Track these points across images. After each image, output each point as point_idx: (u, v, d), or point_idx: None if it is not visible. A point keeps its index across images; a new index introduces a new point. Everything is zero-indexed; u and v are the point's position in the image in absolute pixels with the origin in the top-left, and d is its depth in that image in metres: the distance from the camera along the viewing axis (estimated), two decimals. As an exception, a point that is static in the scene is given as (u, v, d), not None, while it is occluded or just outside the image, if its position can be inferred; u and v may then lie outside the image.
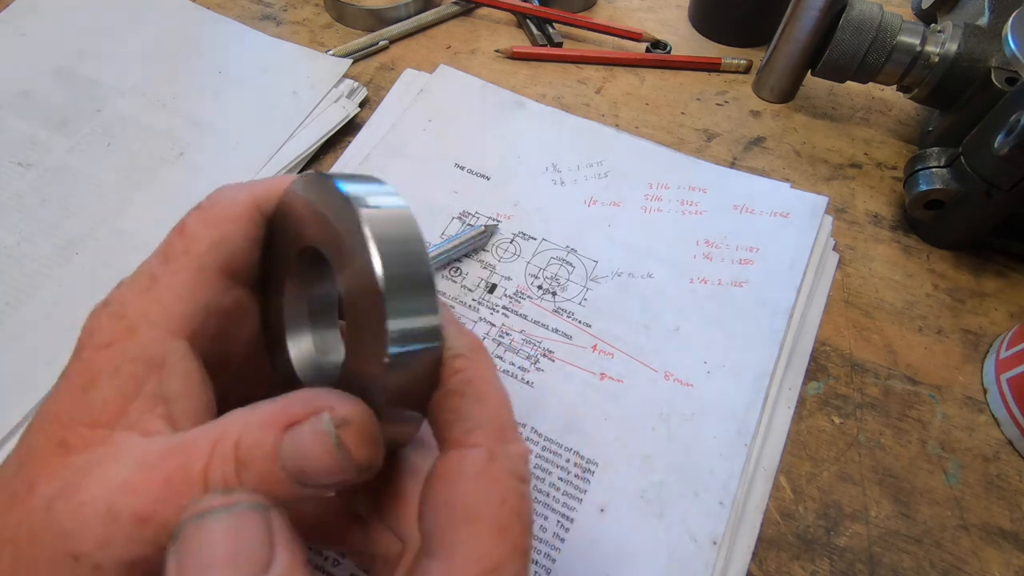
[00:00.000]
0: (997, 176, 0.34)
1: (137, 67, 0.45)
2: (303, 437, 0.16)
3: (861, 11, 0.39)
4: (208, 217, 0.19)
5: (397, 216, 0.18)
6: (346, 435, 0.16)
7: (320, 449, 0.16)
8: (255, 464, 0.16)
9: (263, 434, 0.16)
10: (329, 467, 0.16)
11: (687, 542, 0.29)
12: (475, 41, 0.50)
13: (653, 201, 0.40)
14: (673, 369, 0.33)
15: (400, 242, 0.17)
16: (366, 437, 0.16)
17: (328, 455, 0.16)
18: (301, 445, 0.16)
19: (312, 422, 0.16)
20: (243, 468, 0.16)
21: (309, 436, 0.16)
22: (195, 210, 0.20)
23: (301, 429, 0.16)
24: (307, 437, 0.16)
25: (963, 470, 0.32)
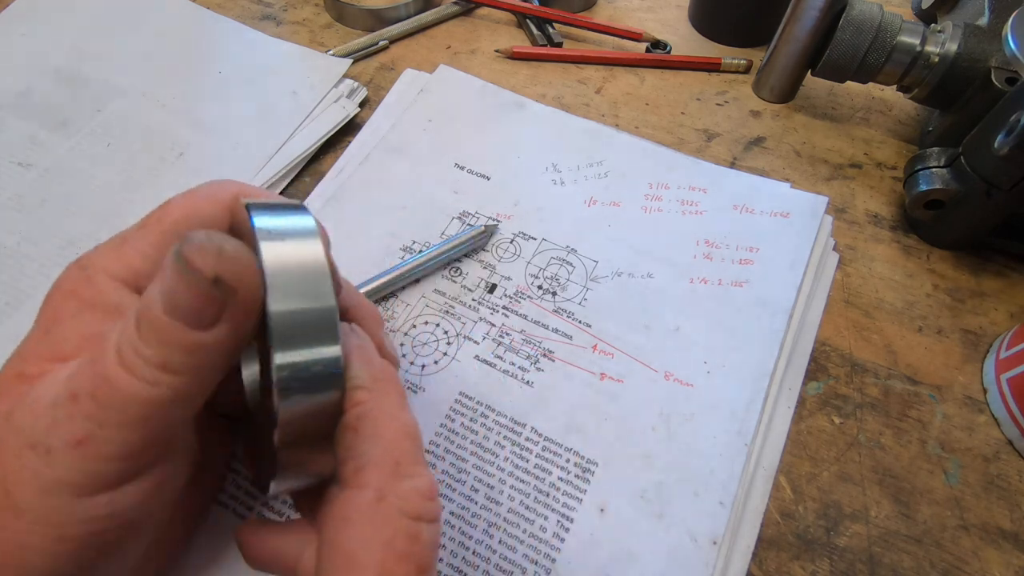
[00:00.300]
0: (997, 176, 0.34)
1: (137, 67, 0.45)
2: (168, 278, 0.16)
3: (861, 11, 0.39)
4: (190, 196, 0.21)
5: (302, 249, 0.18)
6: (186, 249, 0.16)
7: (175, 278, 0.16)
8: (146, 317, 0.16)
9: (150, 291, 0.17)
10: (185, 291, 0.16)
11: (687, 542, 0.29)
12: (475, 41, 0.50)
13: (653, 201, 0.40)
14: (673, 369, 0.33)
15: (298, 276, 0.17)
16: (208, 249, 0.16)
17: (179, 279, 0.16)
18: (168, 284, 0.16)
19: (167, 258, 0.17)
20: (140, 325, 0.16)
21: (169, 272, 0.16)
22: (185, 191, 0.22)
23: (166, 271, 0.16)
24: (168, 274, 0.16)
25: (963, 470, 0.32)
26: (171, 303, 0.16)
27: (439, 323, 0.35)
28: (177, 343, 0.16)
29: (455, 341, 0.34)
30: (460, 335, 0.35)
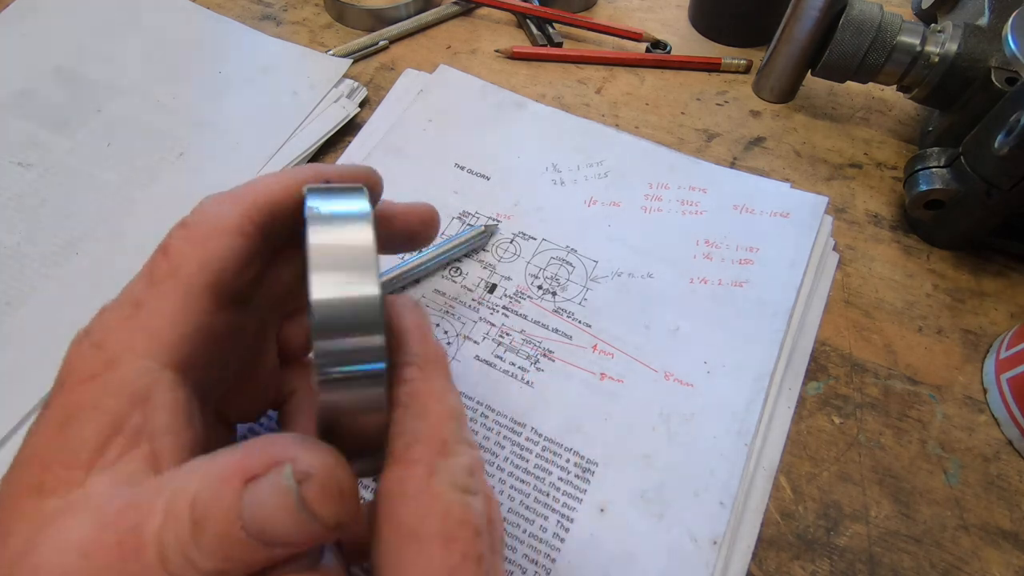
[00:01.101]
0: (997, 176, 0.34)
1: (137, 67, 0.45)
2: (263, 493, 0.15)
3: (861, 11, 0.39)
4: (193, 235, 0.18)
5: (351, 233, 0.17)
6: (309, 491, 0.15)
7: (281, 508, 0.14)
8: (213, 525, 0.14)
9: (221, 489, 0.15)
10: (293, 528, 0.14)
11: (687, 542, 0.29)
12: (475, 41, 0.50)
13: (653, 201, 0.40)
14: (673, 369, 0.33)
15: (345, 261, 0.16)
16: (331, 491, 0.15)
17: (289, 515, 0.14)
18: (261, 503, 0.14)
19: (271, 476, 0.15)
20: (199, 530, 0.14)
21: (269, 492, 0.14)
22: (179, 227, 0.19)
23: (261, 485, 0.15)
24: (267, 493, 0.14)
25: (963, 470, 0.32)
26: (260, 527, 0.14)
27: (439, 323, 0.35)
28: (246, 560, 0.15)
29: (455, 341, 0.34)
30: (460, 335, 0.35)
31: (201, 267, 0.18)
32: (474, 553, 0.16)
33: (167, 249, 0.18)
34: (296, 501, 0.14)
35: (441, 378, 0.18)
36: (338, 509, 0.15)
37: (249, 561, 0.15)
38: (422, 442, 0.17)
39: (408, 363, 0.18)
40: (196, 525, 0.14)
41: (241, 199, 0.19)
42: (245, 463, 0.15)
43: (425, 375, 0.18)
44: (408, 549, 0.16)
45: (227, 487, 0.15)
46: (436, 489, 0.16)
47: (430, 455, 0.17)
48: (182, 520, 0.14)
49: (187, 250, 0.18)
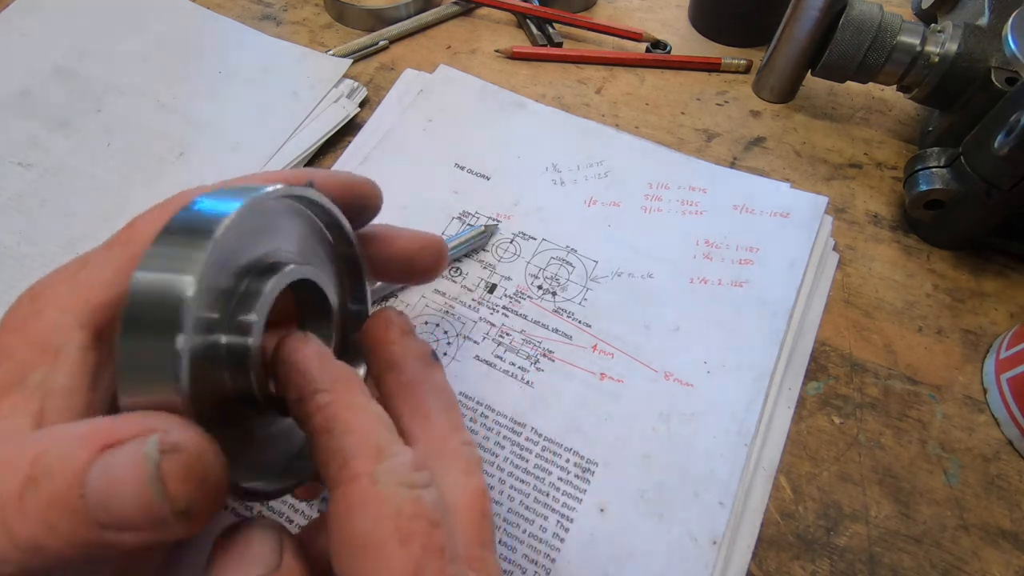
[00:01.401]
0: (997, 176, 0.34)
1: (137, 67, 0.45)
2: (119, 458, 0.13)
3: (861, 11, 0.39)
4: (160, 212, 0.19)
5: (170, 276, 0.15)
6: (169, 464, 0.13)
7: (132, 477, 0.13)
8: (50, 484, 0.13)
9: (73, 449, 0.14)
10: (135, 503, 0.13)
11: (687, 542, 0.29)
12: (475, 41, 0.50)
13: (653, 201, 0.40)
14: (673, 369, 0.33)
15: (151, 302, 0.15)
16: (194, 473, 0.14)
17: (138, 486, 0.13)
18: (113, 468, 0.13)
19: (134, 443, 0.14)
20: (32, 488, 0.13)
21: (125, 458, 0.13)
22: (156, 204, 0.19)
23: (120, 452, 0.13)
24: (123, 459, 0.13)
25: (963, 470, 0.32)
26: (103, 497, 0.13)
27: (439, 323, 0.35)
28: (70, 538, 0.13)
29: (455, 341, 0.34)
30: (460, 335, 0.35)
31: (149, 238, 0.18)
32: (434, 544, 0.16)
33: (134, 221, 0.19)
34: (151, 471, 0.13)
35: (355, 392, 0.18)
36: (193, 493, 0.14)
37: (73, 539, 0.13)
38: (357, 456, 0.16)
39: (316, 391, 0.17)
40: (30, 482, 0.13)
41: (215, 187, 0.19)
42: (112, 428, 0.14)
43: (337, 395, 0.17)
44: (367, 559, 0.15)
45: (81, 448, 0.14)
46: (382, 493, 0.16)
47: (368, 464, 0.16)
48: (15, 475, 0.13)
49: (147, 223, 0.18)
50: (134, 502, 0.13)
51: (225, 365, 0.18)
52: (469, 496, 0.19)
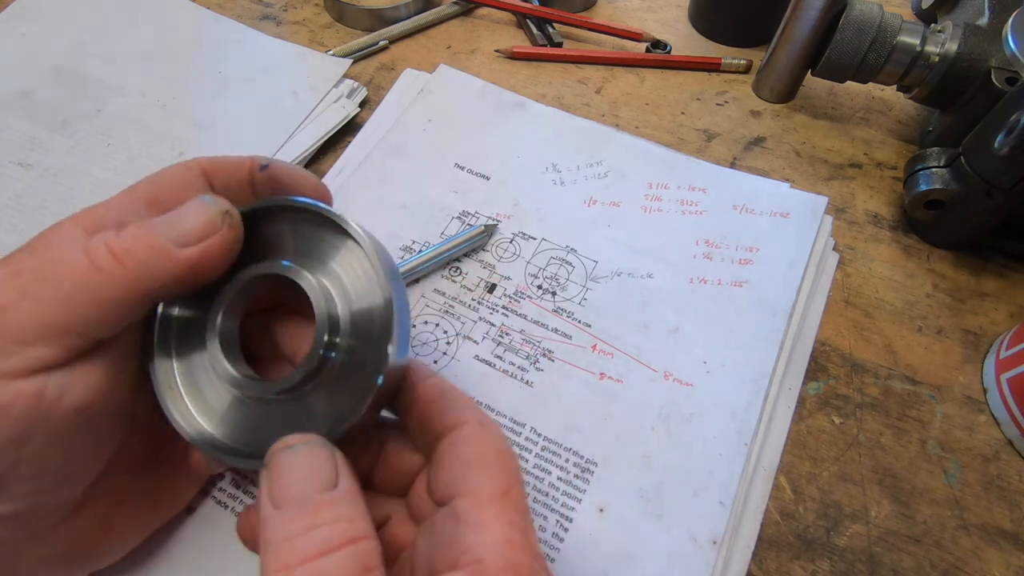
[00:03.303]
0: (997, 176, 0.34)
1: (137, 67, 0.45)
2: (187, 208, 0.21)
3: (861, 11, 0.39)
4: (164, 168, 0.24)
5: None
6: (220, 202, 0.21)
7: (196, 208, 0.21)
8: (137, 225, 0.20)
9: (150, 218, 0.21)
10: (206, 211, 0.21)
11: (687, 542, 0.29)
12: (475, 41, 0.50)
13: (653, 201, 0.40)
14: (673, 369, 0.33)
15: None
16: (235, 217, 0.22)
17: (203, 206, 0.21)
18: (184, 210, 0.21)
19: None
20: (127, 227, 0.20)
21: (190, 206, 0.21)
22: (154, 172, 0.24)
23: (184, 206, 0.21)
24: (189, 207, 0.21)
25: (963, 470, 0.32)
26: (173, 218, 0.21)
27: (439, 323, 0.35)
28: (150, 242, 0.20)
29: (455, 341, 0.34)
30: (460, 335, 0.35)
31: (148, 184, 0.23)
32: (520, 478, 0.21)
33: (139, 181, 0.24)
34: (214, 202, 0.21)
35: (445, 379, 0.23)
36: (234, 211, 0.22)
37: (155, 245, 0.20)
38: (465, 408, 0.22)
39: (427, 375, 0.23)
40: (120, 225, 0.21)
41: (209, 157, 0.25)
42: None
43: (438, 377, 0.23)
44: (475, 472, 0.20)
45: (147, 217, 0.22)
46: (488, 434, 0.21)
47: (476, 415, 0.22)
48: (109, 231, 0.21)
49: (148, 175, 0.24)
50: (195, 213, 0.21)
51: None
52: None
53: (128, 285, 0.20)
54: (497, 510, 0.19)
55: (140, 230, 0.20)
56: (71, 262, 0.19)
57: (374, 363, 0.22)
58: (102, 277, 0.19)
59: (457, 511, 0.20)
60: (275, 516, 0.18)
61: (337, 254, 0.23)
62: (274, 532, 0.18)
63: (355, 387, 0.22)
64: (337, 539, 0.18)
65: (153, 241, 0.20)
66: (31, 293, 0.19)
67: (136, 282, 0.20)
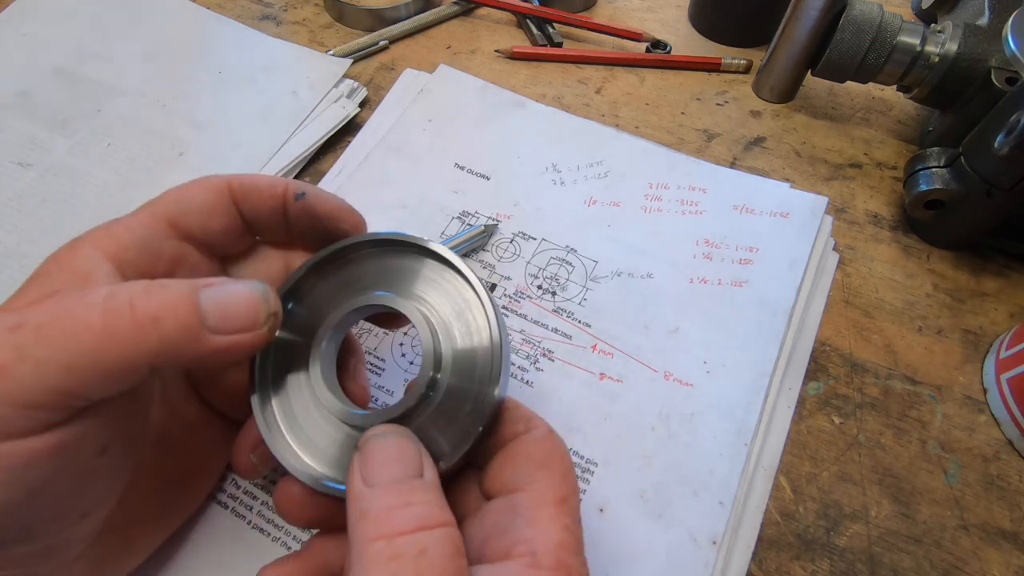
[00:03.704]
0: (997, 176, 0.34)
1: (137, 67, 0.45)
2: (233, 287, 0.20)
3: (861, 11, 0.39)
4: (185, 184, 0.23)
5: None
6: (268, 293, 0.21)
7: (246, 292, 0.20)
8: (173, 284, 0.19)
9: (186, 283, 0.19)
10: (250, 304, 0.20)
11: (687, 542, 0.29)
12: (475, 41, 0.50)
13: (653, 201, 0.40)
14: (673, 369, 0.33)
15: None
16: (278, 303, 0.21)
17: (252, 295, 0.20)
18: (228, 290, 0.20)
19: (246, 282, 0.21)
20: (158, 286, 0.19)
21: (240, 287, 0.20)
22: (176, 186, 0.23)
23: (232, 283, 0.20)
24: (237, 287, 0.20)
25: (963, 470, 0.32)
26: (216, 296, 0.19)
27: (439, 323, 0.35)
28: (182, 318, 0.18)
29: (455, 341, 0.34)
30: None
31: (169, 202, 0.22)
32: (578, 492, 0.22)
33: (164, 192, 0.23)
34: (264, 293, 0.20)
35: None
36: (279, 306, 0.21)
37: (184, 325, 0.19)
38: (535, 418, 0.23)
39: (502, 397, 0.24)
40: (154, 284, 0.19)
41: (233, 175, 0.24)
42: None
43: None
44: (540, 472, 0.21)
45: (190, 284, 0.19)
46: (556, 441, 0.22)
47: (542, 423, 0.23)
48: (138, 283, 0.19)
49: (171, 191, 0.23)
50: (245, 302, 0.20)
51: None
52: None
53: (141, 358, 0.18)
54: (555, 511, 0.20)
55: (173, 298, 0.18)
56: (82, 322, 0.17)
57: (476, 404, 0.22)
58: (115, 346, 0.18)
59: (516, 504, 0.20)
60: (370, 493, 0.19)
61: (427, 284, 0.24)
62: (372, 504, 0.19)
63: (456, 426, 0.22)
64: (433, 519, 0.19)
65: (186, 318, 0.18)
66: (31, 355, 0.17)
67: (151, 356, 0.18)
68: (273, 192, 0.23)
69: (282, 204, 0.24)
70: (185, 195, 0.23)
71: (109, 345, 0.17)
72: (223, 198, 0.23)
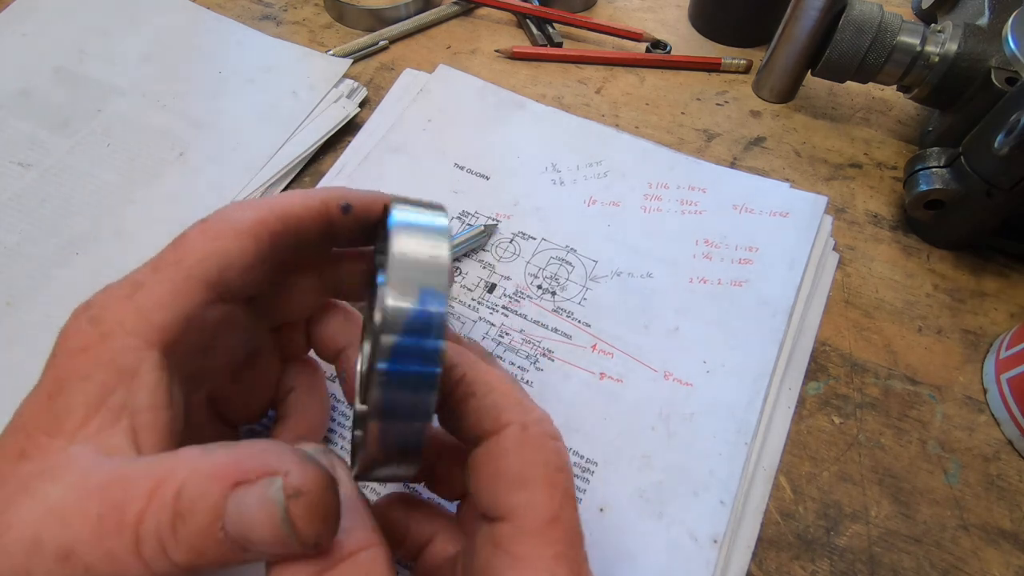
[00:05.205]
0: (997, 176, 0.34)
1: (137, 67, 0.45)
2: (250, 499, 0.15)
3: (861, 11, 0.39)
4: (207, 231, 0.19)
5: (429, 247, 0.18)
6: (296, 507, 0.15)
7: (265, 518, 0.15)
8: (195, 519, 0.15)
9: (208, 487, 0.15)
10: (271, 539, 0.15)
11: (687, 541, 0.29)
12: (475, 41, 0.50)
13: (653, 201, 0.40)
14: (673, 369, 0.33)
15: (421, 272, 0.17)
16: (317, 512, 0.15)
17: (272, 527, 0.15)
18: (247, 509, 0.15)
19: (262, 485, 0.15)
20: (181, 521, 0.15)
21: (256, 501, 0.15)
22: (198, 223, 0.20)
23: (249, 491, 0.15)
24: (254, 502, 0.15)
25: (963, 470, 0.32)
26: (241, 532, 0.15)
27: (439, 323, 0.35)
28: (219, 559, 0.15)
29: (455, 341, 0.34)
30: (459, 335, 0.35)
31: (204, 259, 0.19)
32: (572, 495, 0.18)
33: (179, 240, 0.19)
34: (281, 515, 0.15)
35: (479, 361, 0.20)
36: (320, 530, 0.15)
37: (222, 560, 0.15)
38: (505, 408, 0.19)
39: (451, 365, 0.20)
40: (178, 516, 0.15)
41: (260, 207, 0.20)
42: (237, 466, 0.15)
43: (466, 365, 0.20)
44: (519, 494, 0.17)
45: (215, 486, 0.15)
46: (534, 439, 0.18)
47: (517, 415, 0.18)
48: (166, 509, 0.15)
49: (196, 243, 0.19)
50: (269, 538, 0.15)
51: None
52: None
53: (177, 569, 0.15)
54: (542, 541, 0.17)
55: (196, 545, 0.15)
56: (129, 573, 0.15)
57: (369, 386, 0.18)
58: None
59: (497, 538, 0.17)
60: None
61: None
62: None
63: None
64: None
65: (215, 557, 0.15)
66: None
67: None
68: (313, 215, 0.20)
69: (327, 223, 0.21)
70: (219, 248, 0.19)
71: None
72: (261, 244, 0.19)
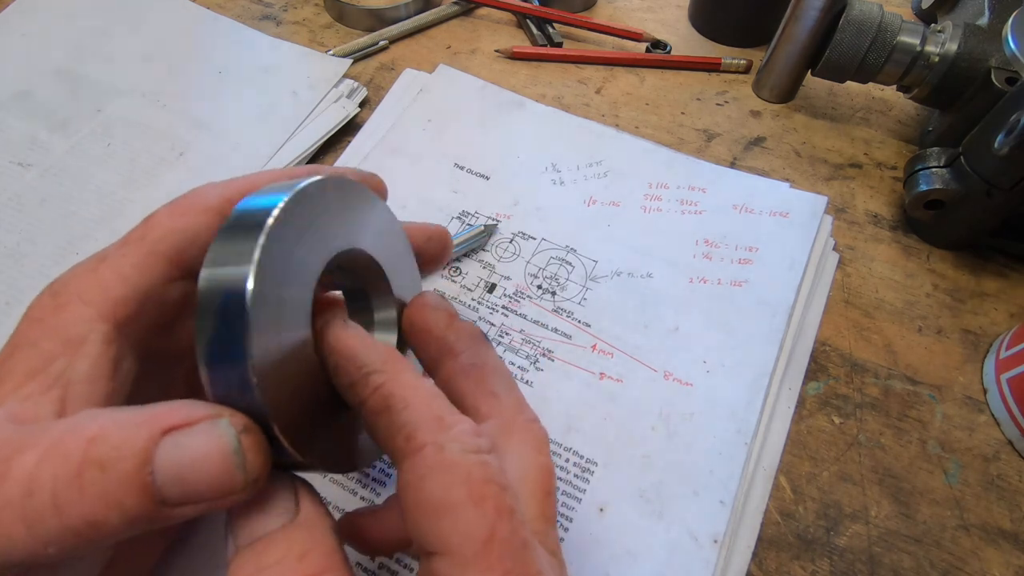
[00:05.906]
0: (997, 176, 0.34)
1: (137, 67, 0.45)
2: (194, 441, 0.15)
3: (861, 11, 0.39)
4: (175, 208, 0.19)
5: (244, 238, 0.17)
6: (247, 440, 0.15)
7: (215, 453, 0.15)
8: (118, 466, 0.14)
9: (134, 434, 0.15)
10: (216, 476, 0.15)
11: (687, 541, 0.29)
12: (475, 41, 0.50)
13: (653, 201, 0.40)
14: (672, 369, 0.33)
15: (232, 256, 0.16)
16: (262, 446, 0.16)
17: (222, 462, 0.15)
18: (186, 451, 0.15)
19: (206, 425, 0.15)
20: (98, 470, 0.14)
21: (203, 439, 0.15)
22: (167, 203, 0.20)
23: (191, 433, 0.15)
24: (200, 441, 0.15)
25: (963, 470, 0.32)
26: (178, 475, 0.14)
27: (439, 323, 0.35)
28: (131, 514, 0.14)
29: (455, 341, 0.34)
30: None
31: (167, 235, 0.19)
32: (506, 506, 0.16)
33: (148, 218, 0.19)
34: (234, 446, 0.15)
35: (404, 369, 0.18)
36: (263, 463, 0.16)
37: (134, 514, 0.14)
38: (420, 427, 0.17)
39: (367, 373, 0.18)
40: (92, 465, 0.14)
41: (228, 186, 0.20)
42: (167, 415, 0.15)
43: (388, 374, 0.18)
44: (444, 521, 0.16)
45: (141, 432, 0.15)
46: (450, 459, 0.16)
47: (432, 435, 0.17)
48: (69, 458, 0.14)
49: (163, 220, 0.19)
50: (216, 473, 0.15)
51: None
52: (537, 472, 0.19)
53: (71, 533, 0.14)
54: (483, 567, 0.15)
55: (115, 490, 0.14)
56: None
57: None
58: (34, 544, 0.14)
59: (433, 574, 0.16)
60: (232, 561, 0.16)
61: None
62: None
63: None
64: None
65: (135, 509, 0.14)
66: None
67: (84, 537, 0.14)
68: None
69: None
70: (182, 224, 0.19)
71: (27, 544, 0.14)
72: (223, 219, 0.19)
